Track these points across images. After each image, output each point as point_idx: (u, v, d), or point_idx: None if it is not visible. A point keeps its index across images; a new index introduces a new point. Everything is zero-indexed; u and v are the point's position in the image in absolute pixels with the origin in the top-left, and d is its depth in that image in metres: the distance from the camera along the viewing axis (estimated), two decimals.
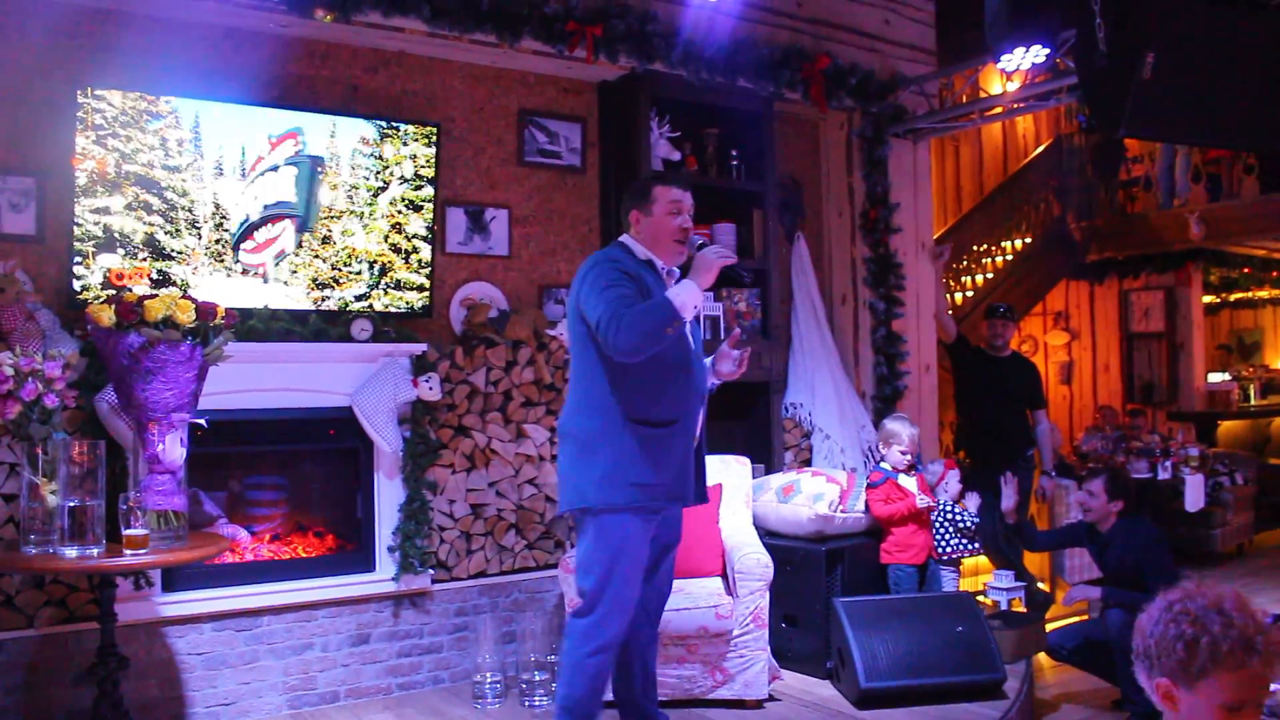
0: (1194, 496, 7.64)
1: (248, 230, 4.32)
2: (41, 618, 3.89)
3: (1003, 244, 10.28)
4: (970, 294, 9.80)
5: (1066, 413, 11.00)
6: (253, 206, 4.33)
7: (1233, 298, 12.46)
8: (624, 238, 3.60)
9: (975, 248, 10.17)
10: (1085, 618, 5.41)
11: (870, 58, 6.05)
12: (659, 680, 4.22)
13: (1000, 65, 5.00)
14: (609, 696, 3.64)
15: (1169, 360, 10.49)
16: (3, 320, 3.79)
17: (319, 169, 4.46)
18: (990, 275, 10.00)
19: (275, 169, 4.37)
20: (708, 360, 3.72)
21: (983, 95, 6.29)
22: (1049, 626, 5.17)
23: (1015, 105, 5.82)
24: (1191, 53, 4.02)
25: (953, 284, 9.99)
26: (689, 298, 3.26)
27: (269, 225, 4.36)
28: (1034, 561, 7.10)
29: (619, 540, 3.37)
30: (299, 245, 4.43)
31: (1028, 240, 10.26)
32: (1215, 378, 11.00)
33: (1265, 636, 1.79)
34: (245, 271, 4.31)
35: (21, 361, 3.39)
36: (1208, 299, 11.53)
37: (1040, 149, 10.80)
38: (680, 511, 3.62)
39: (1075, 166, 10.25)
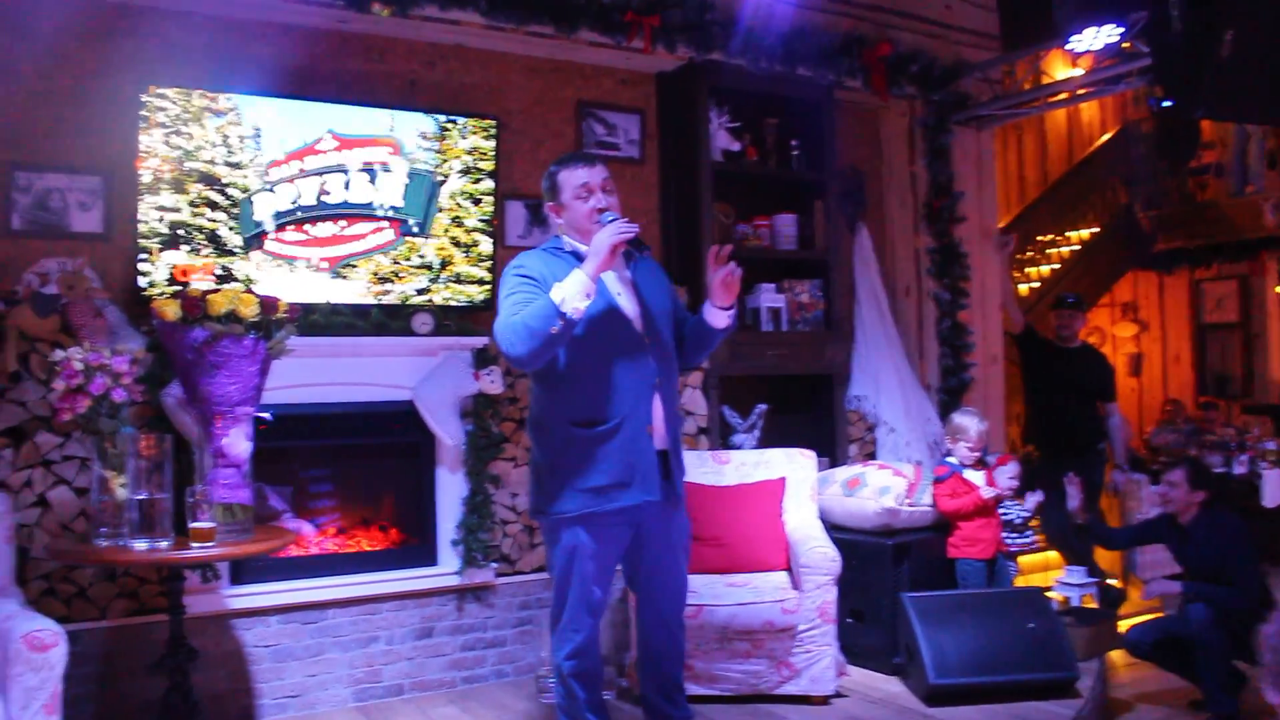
0: (1272, 492, 7.41)
1: (298, 221, 4.33)
2: (114, 609, 3.94)
3: (1068, 234, 10.08)
4: (1036, 285, 9.62)
5: (1135, 406, 10.75)
6: (308, 199, 4.34)
7: None
8: (556, 232, 3.43)
9: (1040, 238, 9.97)
10: (1161, 614, 5.27)
11: (932, 44, 5.94)
12: (724, 675, 4.20)
13: (1069, 46, 4.87)
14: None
15: (1243, 352, 10.20)
16: (72, 317, 3.84)
17: (436, 182, 4.53)
18: (1056, 266, 9.81)
19: (383, 170, 4.40)
20: (708, 301, 3.44)
21: (1047, 81, 6.15)
22: (1123, 624, 5.04)
23: (1082, 90, 5.68)
24: (1271, 30, 3.87)
25: (1018, 275, 9.82)
26: (575, 288, 3.02)
27: (355, 222, 4.37)
28: (1106, 557, 6.93)
29: (570, 547, 3.24)
30: (404, 248, 4.48)
31: (1094, 230, 10.04)
32: None
33: None
34: (287, 258, 4.32)
35: (90, 356, 3.41)
36: None
37: (1106, 136, 10.57)
38: (668, 511, 3.37)
39: (1143, 154, 10.00)
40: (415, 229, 4.53)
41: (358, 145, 4.41)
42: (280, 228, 4.27)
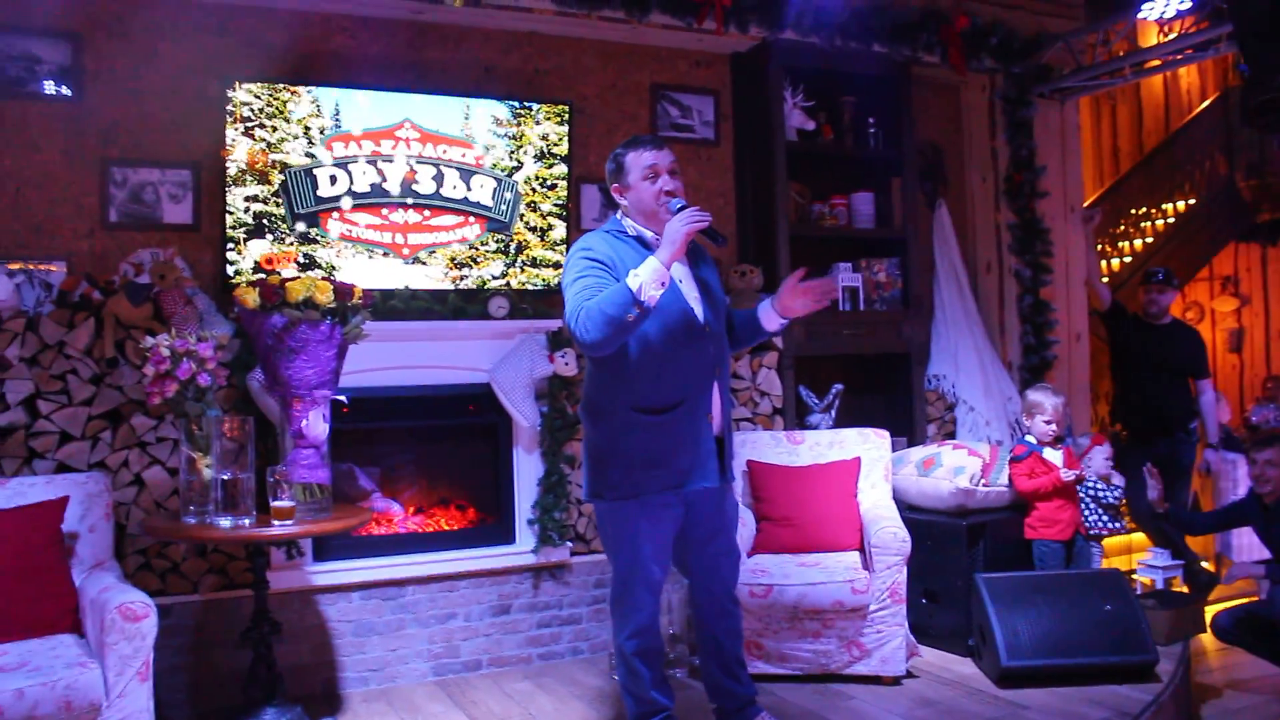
0: None
1: (375, 205, 4.45)
2: (204, 584, 4.13)
3: (1164, 206, 9.78)
4: (1129, 259, 9.37)
5: (1236, 383, 10.43)
6: (392, 186, 4.45)
7: None
8: (616, 215, 3.44)
9: (1134, 210, 9.70)
10: (1255, 598, 5.14)
11: (1012, 16, 5.83)
12: (794, 654, 4.23)
13: (1141, 14, 4.74)
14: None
15: None
16: (164, 305, 4.02)
17: (515, 185, 4.65)
18: (1150, 239, 9.53)
19: (470, 173, 4.50)
20: (767, 301, 3.48)
21: (1133, 50, 5.98)
22: (1214, 608, 4.93)
23: (1168, 58, 5.52)
24: None
25: (1109, 249, 9.57)
26: (651, 277, 3.00)
27: (438, 213, 4.48)
28: (1198, 540, 6.78)
29: (630, 529, 3.27)
30: (482, 244, 4.58)
31: (1191, 201, 9.73)
32: None
33: None
34: (359, 241, 4.44)
35: (177, 343, 3.57)
36: None
37: (1205, 104, 10.22)
38: (719, 495, 3.41)
39: (1243, 121, 9.65)
40: (502, 226, 4.64)
41: (440, 141, 4.51)
42: (358, 209, 4.39)
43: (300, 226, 4.27)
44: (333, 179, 4.34)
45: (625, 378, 3.26)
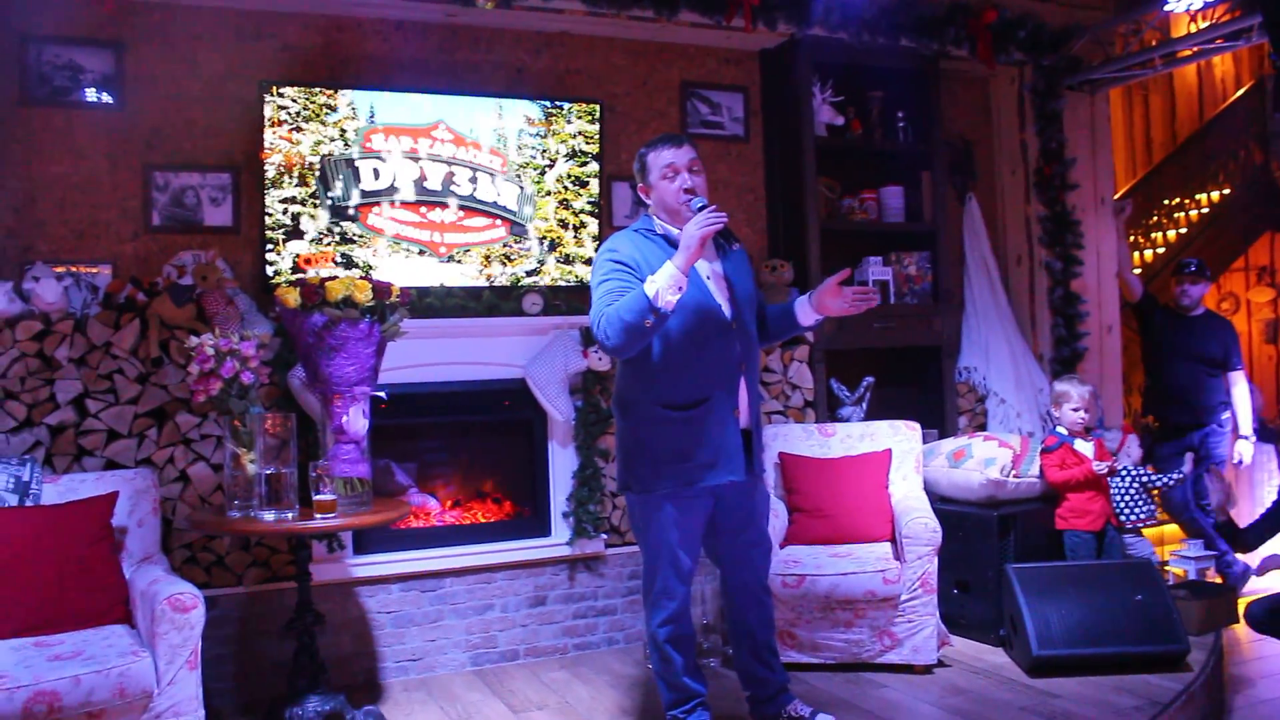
0: None
1: (415, 203, 4.53)
2: (249, 576, 4.24)
3: (1198, 196, 9.70)
4: (1162, 250, 9.32)
5: (1273, 374, 10.34)
6: (433, 183, 4.53)
7: None
8: (645, 214, 3.50)
9: (1167, 201, 9.64)
10: None
11: (1041, 8, 5.83)
12: (826, 644, 4.28)
13: (1168, 6, 4.74)
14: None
15: None
16: (206, 305, 4.13)
17: (533, 187, 4.73)
18: (1184, 230, 9.46)
19: (501, 178, 4.59)
20: (805, 297, 3.56)
21: (1166, 39, 5.97)
22: (1248, 599, 4.93)
23: (1199, 48, 5.50)
24: None
25: (1142, 240, 9.51)
26: (667, 283, 3.06)
27: (471, 214, 4.56)
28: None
29: (658, 520, 3.35)
30: (510, 245, 4.66)
31: (1226, 191, 9.65)
32: None
33: None
34: (400, 239, 4.53)
35: (221, 342, 3.67)
36: None
37: (1240, 92, 10.13)
38: (748, 486, 3.46)
39: (1275, 109, 9.56)
40: (521, 229, 4.73)
41: (473, 145, 4.60)
42: (399, 205, 4.49)
43: (337, 220, 4.36)
44: (376, 173, 4.43)
45: (651, 374, 3.33)
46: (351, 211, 4.39)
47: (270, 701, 3.95)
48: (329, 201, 4.34)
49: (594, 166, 4.82)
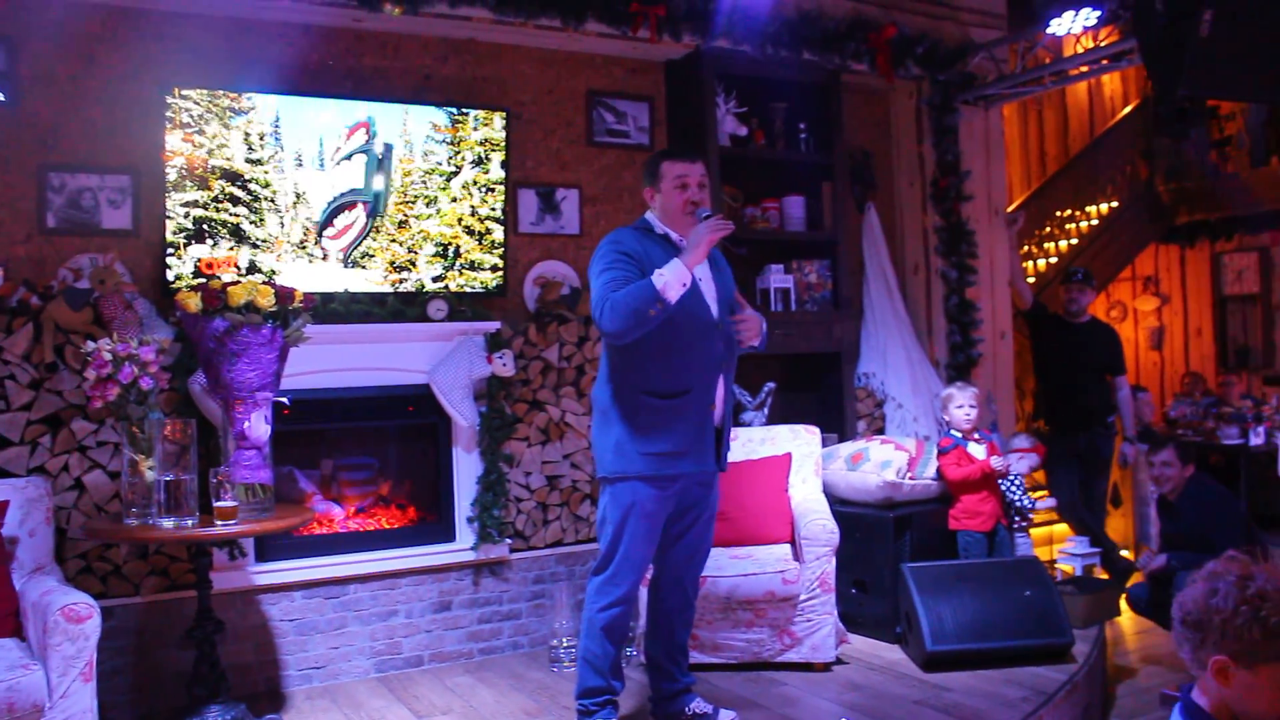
0: None
1: (329, 217, 4.52)
2: (147, 586, 4.17)
3: (1088, 209, 10.08)
4: (1054, 260, 9.65)
5: (1158, 379, 10.77)
6: (331, 194, 4.52)
7: None
8: (646, 214, 3.67)
9: (1059, 213, 9.99)
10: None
11: (938, 25, 6.02)
12: (728, 644, 4.36)
13: (1050, 30, 4.95)
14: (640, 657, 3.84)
15: (1264, 323, 10.18)
16: (104, 310, 4.05)
17: (387, 156, 4.65)
18: (1075, 241, 9.82)
19: (349, 157, 4.57)
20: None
21: (1057, 58, 6.21)
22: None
23: (1086, 68, 5.74)
24: (1251, 8, 3.94)
25: (1036, 250, 9.84)
26: (674, 277, 3.27)
27: (345, 211, 4.56)
28: (1117, 529, 7.04)
29: (629, 504, 3.47)
30: (373, 230, 4.61)
31: (1114, 204, 10.04)
32: None
33: None
34: (325, 256, 4.51)
35: (119, 347, 3.62)
36: None
37: (1127, 110, 10.55)
38: (711, 481, 3.67)
39: (1156, 129, 9.97)
40: (374, 208, 4.63)
41: (351, 133, 4.58)
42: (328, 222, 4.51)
43: (239, 225, 4.34)
44: (275, 185, 4.43)
45: (639, 364, 3.47)
46: (254, 219, 4.35)
47: (169, 713, 3.91)
48: (230, 209, 4.30)
49: (499, 173, 4.85)
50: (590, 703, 3.57)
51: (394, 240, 4.66)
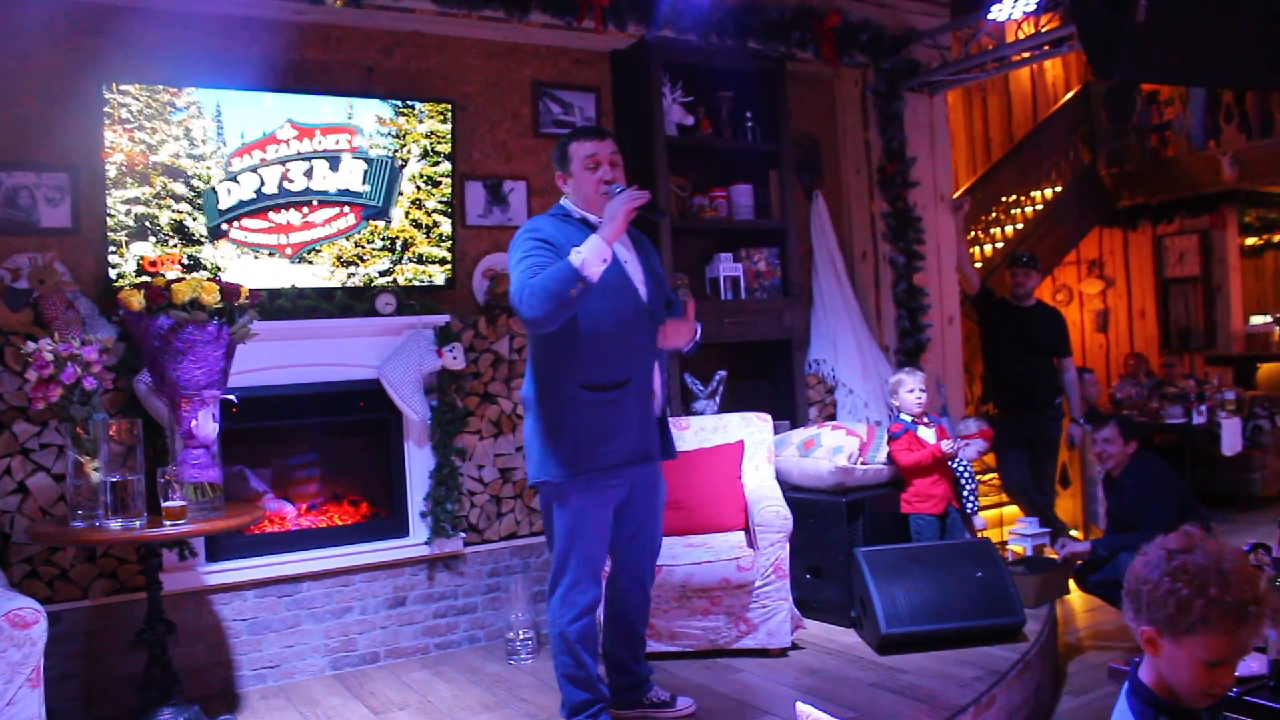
0: (1231, 440, 7.63)
1: (261, 210, 4.46)
2: (95, 589, 4.11)
3: (1033, 194, 10.22)
4: (1000, 245, 9.77)
5: (1103, 361, 10.95)
6: (270, 188, 4.47)
7: (1277, 238, 12.26)
8: (562, 200, 3.58)
9: (1005, 198, 10.12)
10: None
11: (881, 13, 6.06)
12: (684, 632, 4.38)
13: (992, 16, 5.01)
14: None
15: (1205, 304, 10.39)
16: (44, 310, 3.99)
17: (396, 166, 4.68)
18: (1020, 225, 9.95)
19: (338, 160, 4.51)
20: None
21: (1001, 44, 6.27)
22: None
23: (1029, 54, 5.81)
24: None
25: (982, 235, 9.96)
26: (593, 253, 3.14)
27: (316, 208, 4.51)
28: (1067, 510, 7.15)
29: (578, 508, 3.38)
30: (366, 231, 4.59)
31: (1058, 189, 10.19)
32: (1257, 320, 10.87)
33: (1258, 605, 1.76)
34: (253, 245, 4.46)
35: (60, 347, 3.56)
36: (1250, 241, 11.37)
37: (1069, 95, 10.70)
38: (656, 473, 3.61)
39: (1104, 108, 10.14)
40: (377, 212, 4.66)
41: (319, 133, 4.54)
42: (243, 216, 4.40)
43: (205, 238, 4.30)
44: (229, 191, 4.37)
45: (573, 356, 3.35)
46: (196, 217, 4.30)
47: (122, 717, 3.86)
48: (172, 206, 4.24)
49: (446, 166, 4.82)
50: (583, 717, 3.50)
51: (344, 236, 4.61)
